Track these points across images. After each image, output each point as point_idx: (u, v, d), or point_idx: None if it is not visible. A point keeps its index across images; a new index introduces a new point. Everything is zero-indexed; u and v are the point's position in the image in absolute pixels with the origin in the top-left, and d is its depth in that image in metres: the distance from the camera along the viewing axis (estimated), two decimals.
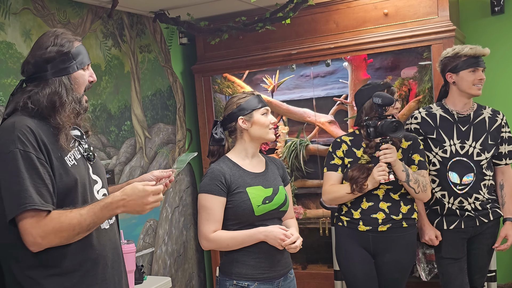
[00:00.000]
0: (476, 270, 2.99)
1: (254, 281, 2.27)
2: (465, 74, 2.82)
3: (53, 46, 1.79)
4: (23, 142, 1.67)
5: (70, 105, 1.78)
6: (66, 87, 1.78)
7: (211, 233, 2.25)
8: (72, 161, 1.78)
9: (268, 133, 2.35)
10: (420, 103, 3.60)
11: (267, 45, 3.91)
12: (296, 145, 4.08)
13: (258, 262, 2.27)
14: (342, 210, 2.87)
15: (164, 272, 3.88)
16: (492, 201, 2.91)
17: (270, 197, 2.31)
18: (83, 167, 1.83)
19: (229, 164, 2.33)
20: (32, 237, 1.65)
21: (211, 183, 2.26)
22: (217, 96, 4.23)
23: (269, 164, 2.44)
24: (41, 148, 1.70)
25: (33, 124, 1.71)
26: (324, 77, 4.05)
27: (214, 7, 3.74)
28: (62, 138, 1.75)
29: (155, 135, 3.89)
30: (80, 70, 1.83)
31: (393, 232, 2.76)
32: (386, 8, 3.57)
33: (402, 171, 2.67)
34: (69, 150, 1.78)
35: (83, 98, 1.86)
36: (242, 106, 2.34)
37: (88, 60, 1.88)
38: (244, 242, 2.25)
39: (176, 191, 4.06)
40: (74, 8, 3.24)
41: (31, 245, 1.67)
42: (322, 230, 3.99)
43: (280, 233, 2.22)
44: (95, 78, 1.90)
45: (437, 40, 3.42)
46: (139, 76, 3.75)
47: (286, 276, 2.37)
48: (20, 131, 1.67)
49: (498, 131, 2.91)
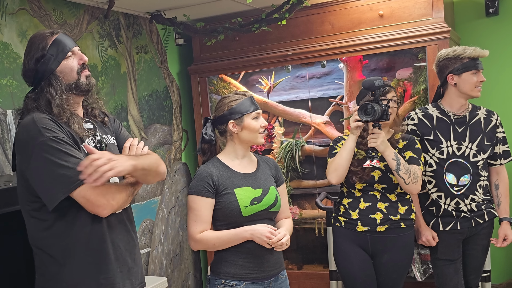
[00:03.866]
0: (471, 270, 3.00)
1: (243, 280, 2.27)
2: (468, 76, 2.82)
3: (30, 56, 1.90)
4: (49, 130, 1.77)
5: (63, 94, 1.87)
6: (53, 85, 1.86)
7: (198, 233, 2.26)
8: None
9: (257, 137, 2.35)
10: (415, 104, 3.61)
11: (263, 46, 3.93)
12: (292, 146, 4.09)
13: (246, 262, 2.27)
14: (339, 210, 2.87)
15: (160, 272, 3.89)
16: (487, 201, 2.92)
17: (259, 198, 2.31)
18: None
19: (217, 166, 2.33)
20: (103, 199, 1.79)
21: (199, 185, 2.27)
22: (213, 97, 4.24)
23: (261, 165, 2.44)
24: (65, 132, 1.81)
25: (49, 116, 1.82)
26: (319, 78, 4.06)
27: (210, 8, 3.75)
28: (75, 125, 1.85)
29: (152, 135, 3.89)
30: (63, 61, 1.89)
31: (391, 232, 2.77)
32: (382, 10, 3.58)
33: (393, 159, 2.67)
34: (83, 137, 1.88)
35: (79, 80, 1.92)
36: (233, 110, 2.32)
37: (70, 47, 1.92)
38: (230, 241, 2.25)
39: (172, 192, 4.07)
40: (70, 9, 3.25)
41: (104, 208, 1.80)
42: (318, 231, 4.01)
43: (266, 231, 2.20)
44: (85, 59, 1.95)
45: (432, 42, 3.44)
46: (135, 77, 3.76)
47: (277, 277, 2.36)
48: (41, 122, 1.78)
49: (494, 132, 2.92)
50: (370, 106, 2.63)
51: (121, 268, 1.92)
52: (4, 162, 2.76)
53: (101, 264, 1.86)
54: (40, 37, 1.91)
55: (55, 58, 1.88)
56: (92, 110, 2.03)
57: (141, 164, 1.85)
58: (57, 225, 1.82)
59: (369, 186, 2.78)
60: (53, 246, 1.83)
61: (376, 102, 2.65)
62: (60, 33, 1.93)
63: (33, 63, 1.88)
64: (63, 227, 1.82)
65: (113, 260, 1.89)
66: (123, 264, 1.93)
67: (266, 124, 2.38)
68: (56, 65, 1.88)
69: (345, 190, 2.88)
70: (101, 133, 2.00)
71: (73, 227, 1.82)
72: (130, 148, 2.03)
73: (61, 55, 1.89)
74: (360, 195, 2.80)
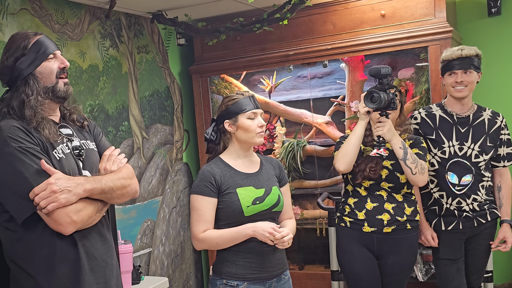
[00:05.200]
0: (473, 270, 3.00)
1: (244, 281, 2.26)
2: (446, 78, 2.88)
3: (9, 52, 1.86)
4: (16, 140, 1.72)
5: (39, 97, 1.83)
6: (30, 84, 1.83)
7: (201, 233, 2.26)
8: (60, 155, 1.83)
9: (254, 137, 2.33)
10: (417, 105, 3.61)
11: (265, 46, 3.92)
12: (293, 146, 4.08)
13: (248, 262, 2.26)
14: (344, 210, 2.86)
15: (162, 272, 3.88)
16: (489, 202, 2.92)
17: (261, 197, 2.30)
18: (73, 161, 1.87)
19: (220, 165, 2.33)
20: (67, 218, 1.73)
21: (201, 184, 2.27)
22: (214, 97, 4.23)
23: (264, 164, 2.43)
24: (34, 140, 1.76)
25: (18, 124, 1.77)
26: (321, 78, 4.05)
27: (211, 8, 3.74)
28: (45, 130, 1.80)
29: (153, 135, 3.89)
30: (44, 62, 1.86)
31: (397, 233, 2.76)
32: (383, 9, 3.58)
33: (400, 148, 2.66)
34: (55, 143, 1.83)
35: (57, 85, 1.88)
36: (229, 109, 2.33)
37: (53, 49, 1.90)
38: (233, 239, 2.24)
39: (174, 192, 4.06)
40: (72, 9, 3.24)
41: (66, 227, 1.74)
42: (319, 231, 4.00)
43: (268, 227, 2.20)
44: (66, 64, 1.92)
45: (434, 41, 3.43)
46: (136, 77, 3.75)
47: (279, 278, 2.35)
48: (8, 131, 1.73)
49: (497, 133, 2.92)
50: (377, 94, 2.61)
51: (97, 280, 1.85)
52: None
53: (76, 276, 1.79)
54: (23, 36, 1.88)
55: (36, 58, 1.85)
56: (70, 115, 1.98)
57: (99, 187, 1.80)
58: (27, 237, 1.76)
59: (375, 184, 2.77)
60: (25, 258, 1.77)
61: (383, 90, 2.64)
62: (43, 35, 1.91)
63: (12, 60, 1.84)
64: (33, 239, 1.75)
65: (88, 271, 1.81)
66: (100, 276, 1.86)
67: (263, 124, 2.35)
68: (36, 65, 1.85)
69: (350, 189, 2.86)
70: (80, 138, 1.95)
71: (43, 239, 1.75)
72: (108, 157, 1.98)
73: (43, 56, 1.86)
74: (366, 194, 2.79)
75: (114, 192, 1.86)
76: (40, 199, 1.66)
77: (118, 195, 1.88)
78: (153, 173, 3.86)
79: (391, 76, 2.70)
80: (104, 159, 1.98)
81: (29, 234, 1.75)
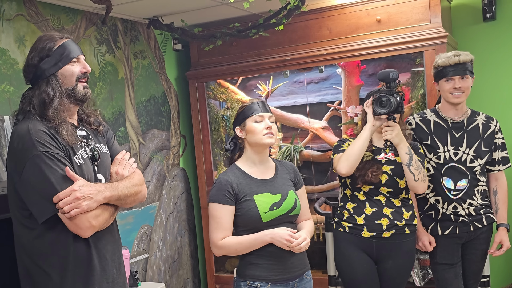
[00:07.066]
0: (470, 275, 3.00)
1: (267, 282, 2.32)
2: (442, 84, 2.86)
3: (35, 52, 1.92)
4: (43, 145, 1.79)
5: (60, 98, 1.89)
6: (52, 85, 1.89)
7: (220, 240, 2.32)
8: (80, 161, 1.90)
9: (262, 138, 2.39)
10: (413, 109, 3.61)
11: (261, 51, 3.93)
12: (290, 151, 4.09)
13: (270, 265, 2.32)
14: (343, 215, 2.86)
15: (159, 278, 3.87)
16: (485, 206, 2.92)
17: (278, 203, 2.36)
18: (90, 166, 1.95)
19: (236, 173, 2.39)
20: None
21: (218, 193, 2.33)
22: (211, 102, 4.24)
23: (279, 169, 2.49)
24: (59, 146, 1.83)
25: (44, 128, 1.83)
26: (317, 83, 4.07)
27: (207, 14, 3.75)
28: (63, 132, 1.87)
29: (149, 141, 3.89)
30: (66, 65, 1.92)
31: (396, 238, 2.76)
32: (379, 15, 3.59)
33: (406, 153, 2.66)
34: (74, 146, 1.90)
35: (77, 87, 1.94)
36: (239, 116, 2.44)
37: (77, 54, 1.96)
38: (251, 245, 2.31)
39: (171, 197, 4.06)
40: (68, 14, 3.25)
41: (86, 230, 1.83)
42: (317, 236, 4.00)
43: (286, 234, 2.26)
44: (88, 69, 1.99)
45: (430, 47, 3.44)
46: (133, 82, 3.76)
47: (302, 278, 2.42)
48: (36, 135, 1.80)
49: (492, 138, 2.92)
50: (386, 98, 2.62)
51: (107, 280, 1.94)
52: (1, 168, 2.76)
53: (88, 276, 1.87)
54: (50, 37, 1.95)
55: (60, 60, 1.91)
56: (87, 117, 2.05)
57: (116, 195, 1.91)
58: (46, 236, 1.84)
59: (375, 189, 2.77)
60: (41, 255, 1.85)
61: (391, 94, 2.64)
62: (70, 39, 1.98)
63: (36, 60, 1.91)
64: (50, 238, 1.84)
65: (99, 271, 1.90)
66: (109, 275, 1.95)
67: (270, 125, 2.42)
68: (59, 67, 1.91)
69: (348, 193, 2.86)
70: (94, 141, 2.02)
71: (60, 239, 1.84)
72: (120, 162, 2.07)
73: (67, 59, 1.92)
74: (365, 199, 2.79)
75: (128, 199, 1.97)
76: (64, 204, 1.76)
77: (130, 201, 2.00)
78: (150, 179, 3.86)
79: (398, 80, 2.71)
80: (116, 162, 2.07)
81: (48, 234, 1.83)
